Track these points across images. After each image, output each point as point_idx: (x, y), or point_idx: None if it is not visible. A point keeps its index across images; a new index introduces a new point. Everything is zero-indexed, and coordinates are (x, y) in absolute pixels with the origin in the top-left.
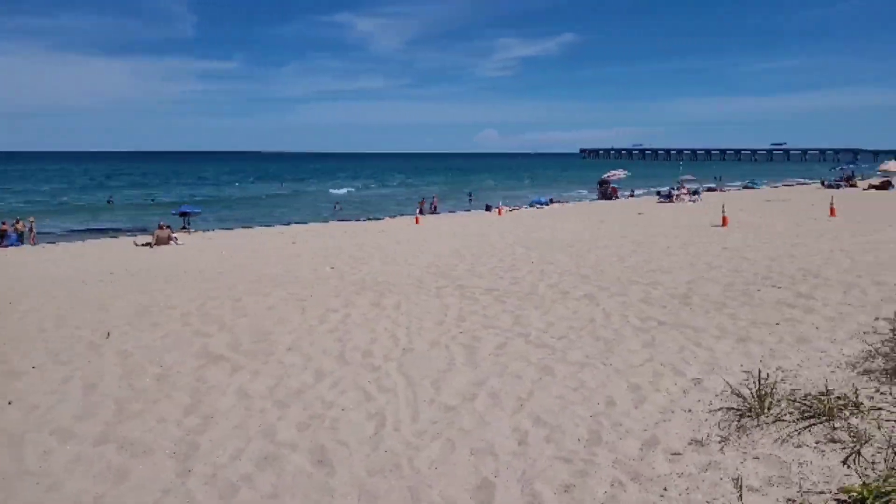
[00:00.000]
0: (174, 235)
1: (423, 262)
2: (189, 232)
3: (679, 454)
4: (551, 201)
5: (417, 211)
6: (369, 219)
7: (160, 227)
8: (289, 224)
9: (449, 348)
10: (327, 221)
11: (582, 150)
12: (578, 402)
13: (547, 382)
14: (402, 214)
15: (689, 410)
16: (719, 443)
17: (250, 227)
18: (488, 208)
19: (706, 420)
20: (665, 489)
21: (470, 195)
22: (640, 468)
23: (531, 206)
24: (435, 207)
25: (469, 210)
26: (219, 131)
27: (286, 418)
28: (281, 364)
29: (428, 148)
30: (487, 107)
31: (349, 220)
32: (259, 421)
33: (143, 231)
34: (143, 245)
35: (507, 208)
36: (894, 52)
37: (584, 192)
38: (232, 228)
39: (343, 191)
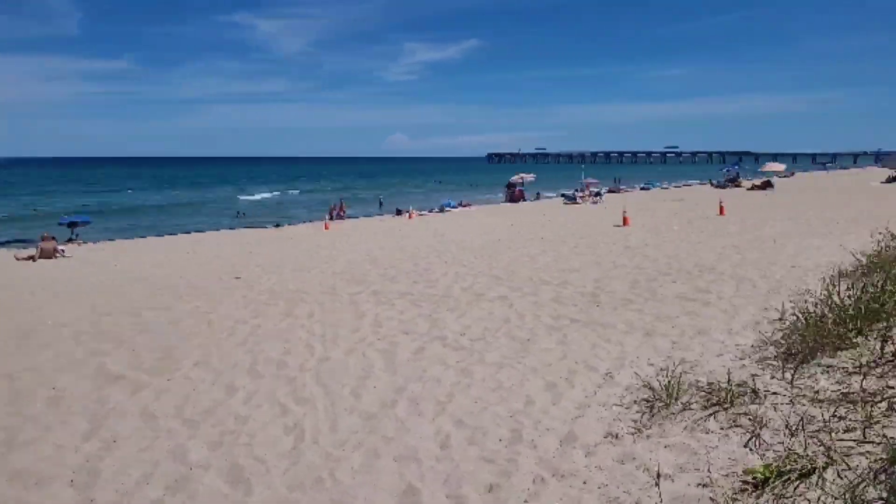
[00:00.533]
0: (60, 248)
1: (335, 268)
2: (77, 243)
3: (596, 448)
4: (461, 204)
5: (327, 217)
6: (277, 225)
7: (44, 239)
8: (189, 232)
9: (366, 355)
10: (233, 229)
11: (489, 154)
12: (498, 403)
13: (466, 385)
14: (310, 220)
15: (604, 405)
16: (633, 434)
17: (147, 237)
18: (398, 212)
19: (620, 413)
20: (584, 482)
21: (381, 200)
22: (560, 464)
23: (441, 209)
24: (344, 213)
25: (379, 215)
26: (109, 135)
27: (197, 437)
28: (188, 380)
29: (336, 152)
30: (396, 111)
31: (255, 228)
32: (167, 442)
33: (25, 244)
34: (25, 259)
35: (418, 212)
36: (773, 64)
37: (493, 195)
38: (126, 238)
39: (248, 197)
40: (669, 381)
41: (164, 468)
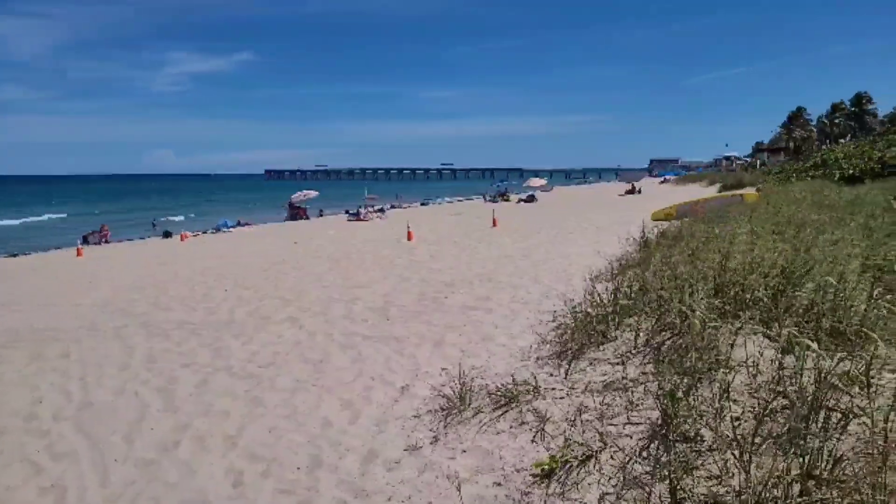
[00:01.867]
0: None
1: (93, 299)
2: None
3: (398, 462)
4: (240, 224)
5: (80, 242)
6: (12, 255)
7: None
8: None
9: (139, 395)
10: None
11: (267, 171)
12: (294, 430)
13: (258, 415)
14: (59, 247)
15: (402, 418)
16: (431, 444)
17: None
18: (167, 235)
19: (418, 424)
20: (389, 499)
21: (154, 221)
22: (363, 483)
23: (218, 230)
24: (107, 237)
25: (145, 238)
26: None
27: None
28: None
29: (89, 169)
30: (160, 124)
31: None
32: None
33: None
34: None
35: (191, 234)
36: (533, 90)
37: (274, 213)
38: None
39: None
40: (461, 388)
41: None
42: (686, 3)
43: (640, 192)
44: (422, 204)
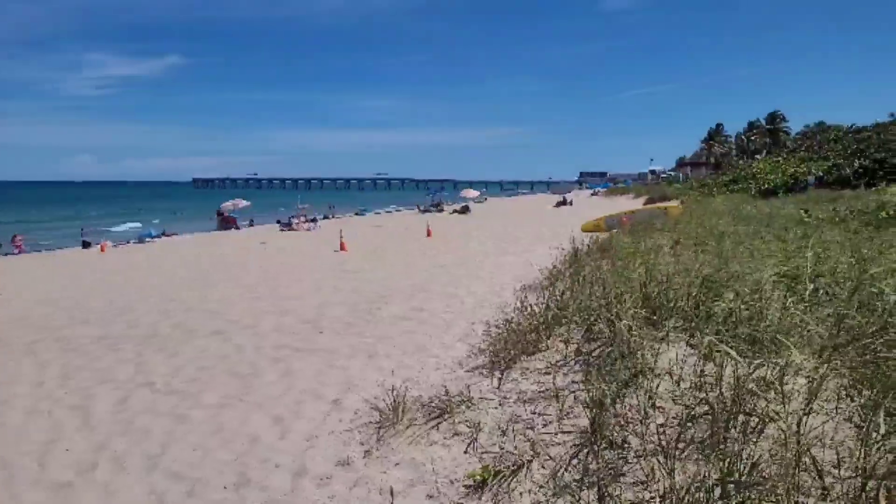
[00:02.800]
0: None
1: (3, 313)
2: None
3: (329, 477)
4: (164, 234)
5: None
6: None
7: None
8: None
9: (53, 414)
10: None
11: (195, 179)
12: (220, 447)
13: (182, 432)
14: None
15: (333, 432)
16: (363, 458)
17: None
18: (86, 245)
19: (350, 438)
20: None
21: (83, 229)
22: (293, 500)
23: (141, 240)
24: (20, 247)
25: (63, 248)
26: None
27: None
28: None
29: (1, 175)
30: (79, 129)
31: None
32: None
33: None
34: None
35: (112, 244)
36: (465, 102)
37: (202, 223)
38: None
39: None
40: (394, 400)
41: None
42: (611, 23)
43: (571, 203)
44: (356, 214)
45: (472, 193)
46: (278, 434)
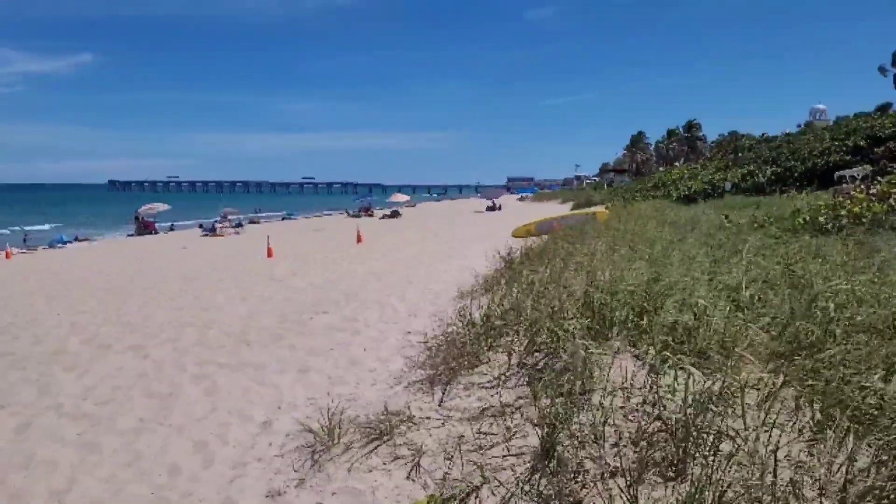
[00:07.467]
0: None
1: None
2: None
3: None
4: (77, 239)
5: None
6: None
7: None
8: None
9: None
10: None
11: (111, 182)
12: (135, 480)
13: (92, 463)
14: None
15: (262, 458)
16: (296, 487)
17: None
18: None
19: (281, 465)
20: None
21: (25, 235)
22: None
23: (51, 245)
24: None
25: None
26: None
27: None
28: None
29: None
30: None
31: None
32: None
33: None
34: None
35: (19, 250)
36: (391, 106)
37: (118, 227)
38: None
39: None
40: (329, 421)
41: None
42: (536, 31)
43: (500, 208)
44: (283, 218)
45: (402, 198)
46: (201, 463)
